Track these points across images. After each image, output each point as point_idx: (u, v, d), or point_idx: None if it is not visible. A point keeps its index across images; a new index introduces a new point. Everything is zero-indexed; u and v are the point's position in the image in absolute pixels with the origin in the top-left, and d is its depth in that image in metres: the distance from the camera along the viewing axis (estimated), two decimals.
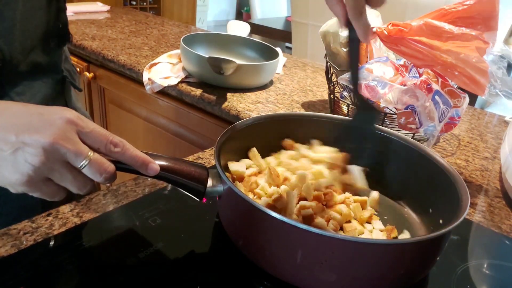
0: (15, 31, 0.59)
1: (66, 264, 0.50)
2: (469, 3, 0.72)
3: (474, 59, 0.67)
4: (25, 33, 0.62)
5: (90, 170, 0.44)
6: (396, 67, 0.87)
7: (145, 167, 0.47)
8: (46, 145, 0.41)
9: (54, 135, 0.42)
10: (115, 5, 2.09)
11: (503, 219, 0.68)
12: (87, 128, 0.44)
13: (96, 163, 0.44)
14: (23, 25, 0.61)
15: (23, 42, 0.61)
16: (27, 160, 0.41)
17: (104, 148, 0.45)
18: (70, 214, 0.58)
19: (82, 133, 0.44)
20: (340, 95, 0.92)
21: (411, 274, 0.50)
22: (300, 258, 0.46)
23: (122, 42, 1.39)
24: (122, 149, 0.46)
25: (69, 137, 0.43)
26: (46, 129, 0.42)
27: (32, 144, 0.41)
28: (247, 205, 0.48)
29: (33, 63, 0.65)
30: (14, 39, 0.60)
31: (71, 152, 0.42)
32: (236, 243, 0.54)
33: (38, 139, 0.41)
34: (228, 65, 1.00)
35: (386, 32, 0.78)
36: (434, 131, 0.76)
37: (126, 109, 1.34)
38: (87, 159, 0.43)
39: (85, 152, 0.43)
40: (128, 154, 0.46)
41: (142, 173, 0.48)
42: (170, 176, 0.50)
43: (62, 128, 0.42)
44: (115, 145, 0.46)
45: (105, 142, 0.45)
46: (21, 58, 0.62)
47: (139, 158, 0.47)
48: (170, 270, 0.51)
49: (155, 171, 0.48)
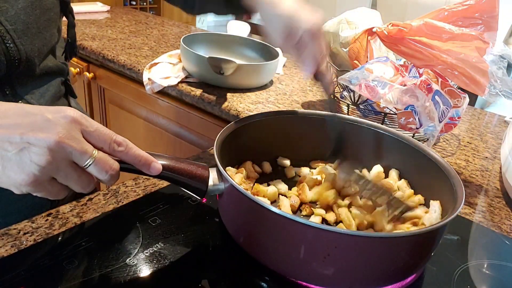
0: (32, 35, 0.62)
1: (66, 264, 0.50)
2: (469, 3, 0.72)
3: (474, 59, 0.67)
4: (43, 40, 0.64)
5: (96, 168, 0.44)
6: (396, 67, 0.87)
7: (148, 166, 0.48)
8: (51, 145, 0.41)
9: (59, 134, 0.41)
10: (115, 5, 2.09)
11: (503, 219, 0.68)
12: (91, 127, 0.44)
13: (101, 161, 0.44)
14: (41, 32, 0.64)
15: (40, 48, 0.64)
16: (33, 160, 0.41)
17: (108, 147, 0.45)
18: (70, 214, 0.58)
19: (86, 132, 0.44)
20: (340, 95, 0.92)
21: (410, 267, 0.50)
22: (303, 253, 0.47)
23: (122, 42, 1.39)
24: (126, 148, 0.46)
25: (74, 136, 0.43)
26: (51, 129, 0.42)
27: (37, 143, 0.41)
28: (249, 202, 0.48)
29: (45, 68, 0.68)
30: (33, 43, 0.62)
31: (76, 151, 0.42)
32: (238, 240, 0.54)
33: (43, 139, 0.41)
34: (228, 65, 1.00)
35: (386, 32, 0.78)
36: (434, 131, 0.76)
37: (126, 109, 1.34)
38: (92, 158, 0.43)
39: (89, 150, 0.43)
40: (131, 153, 0.47)
41: (144, 172, 0.48)
42: (172, 175, 0.51)
43: (67, 127, 0.42)
44: (119, 144, 0.46)
45: (109, 141, 0.45)
46: (37, 62, 0.65)
47: (141, 158, 0.47)
48: (171, 270, 0.51)
49: (157, 170, 0.48)
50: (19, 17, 0.59)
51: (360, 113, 0.90)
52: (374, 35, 0.86)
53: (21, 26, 0.60)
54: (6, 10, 0.58)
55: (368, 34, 0.87)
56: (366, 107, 0.89)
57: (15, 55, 0.59)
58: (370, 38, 0.87)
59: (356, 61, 0.90)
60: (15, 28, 0.59)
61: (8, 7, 0.58)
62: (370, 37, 0.87)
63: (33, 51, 0.62)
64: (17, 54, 0.60)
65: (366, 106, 0.89)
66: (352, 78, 0.79)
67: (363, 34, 0.88)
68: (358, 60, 0.89)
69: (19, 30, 0.59)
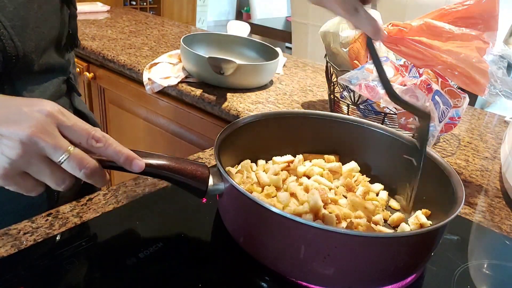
0: (30, 31, 0.60)
1: (66, 264, 0.50)
2: (469, 3, 0.72)
3: (474, 59, 0.67)
4: (40, 35, 0.63)
5: (70, 165, 0.42)
6: (396, 67, 0.87)
7: (129, 163, 0.46)
8: (23, 138, 0.40)
9: (32, 127, 0.40)
10: (115, 5, 2.09)
11: (503, 219, 0.68)
12: (68, 121, 0.43)
13: (76, 158, 0.42)
14: (39, 27, 0.62)
15: (38, 43, 0.62)
16: (4, 152, 0.40)
17: (85, 143, 0.44)
18: (70, 214, 0.58)
19: (63, 126, 0.43)
20: (340, 95, 0.92)
21: (410, 267, 0.50)
22: (303, 253, 0.47)
23: (122, 42, 1.39)
24: (105, 144, 0.45)
25: (48, 130, 0.41)
26: (24, 122, 0.41)
27: (9, 136, 0.40)
28: (250, 201, 0.48)
29: (45, 64, 0.66)
30: (30, 38, 0.60)
31: (49, 145, 0.41)
32: (238, 240, 0.54)
33: (15, 132, 0.40)
34: (228, 65, 1.00)
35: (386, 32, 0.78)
36: (434, 131, 0.76)
37: (126, 109, 1.34)
38: (66, 154, 0.42)
39: (64, 146, 0.42)
40: (111, 149, 0.45)
41: (127, 169, 0.46)
42: (172, 175, 0.50)
43: (41, 121, 0.41)
44: (97, 140, 0.44)
45: (86, 136, 0.44)
46: (35, 58, 0.63)
47: (122, 154, 0.45)
48: (171, 270, 0.51)
49: (140, 167, 0.47)
50: (18, 12, 0.58)
51: (360, 113, 0.90)
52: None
53: (19, 22, 0.58)
54: (4, 5, 0.56)
55: None
56: (366, 107, 0.89)
57: (12, 52, 0.58)
58: None
59: (356, 61, 0.90)
60: (13, 24, 0.57)
61: (6, 2, 0.56)
62: None
63: (30, 47, 0.61)
64: (14, 50, 0.58)
65: (366, 106, 0.89)
66: (352, 78, 0.79)
67: (363, 34, 0.87)
68: (358, 60, 0.89)
69: (17, 26, 0.58)
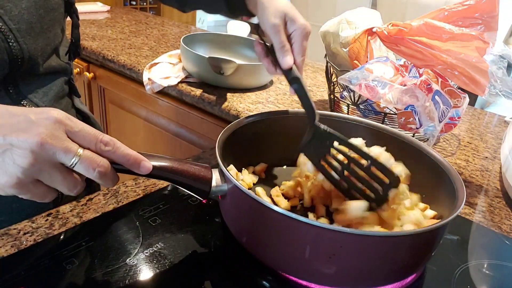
0: (35, 35, 0.62)
1: (66, 264, 0.50)
2: (469, 3, 0.72)
3: (474, 59, 0.67)
4: (46, 40, 0.65)
5: (82, 166, 0.43)
6: (396, 67, 0.87)
7: (137, 165, 0.46)
8: (33, 146, 0.40)
9: (41, 134, 0.41)
10: (115, 5, 2.09)
11: (503, 219, 0.68)
12: (76, 127, 0.43)
13: (87, 158, 0.43)
14: (45, 32, 0.64)
15: (44, 48, 0.64)
16: (16, 162, 0.41)
17: (94, 147, 0.44)
18: (70, 214, 0.58)
19: (71, 132, 0.43)
20: (340, 95, 0.92)
21: (410, 266, 0.50)
22: (308, 253, 0.46)
23: (122, 42, 1.39)
24: (113, 147, 0.45)
25: (57, 136, 0.42)
26: (33, 129, 0.41)
27: (19, 145, 0.40)
28: (253, 202, 0.48)
29: (49, 67, 0.68)
30: (36, 42, 0.62)
31: (60, 150, 0.41)
32: (240, 240, 0.54)
33: (25, 140, 0.40)
34: (228, 65, 1.00)
35: (386, 32, 0.78)
36: (434, 131, 0.76)
37: (126, 109, 1.34)
38: (77, 156, 0.42)
39: (74, 149, 0.42)
40: (119, 152, 0.45)
41: (135, 172, 0.47)
42: (175, 177, 0.50)
43: (50, 128, 0.42)
44: (106, 143, 0.45)
45: (94, 141, 0.44)
46: (41, 61, 0.65)
47: (130, 157, 0.46)
48: (172, 271, 0.51)
49: (147, 169, 0.47)
50: (23, 16, 0.60)
51: (360, 113, 0.90)
52: (374, 35, 0.86)
53: (25, 25, 0.60)
54: (10, 9, 0.58)
55: (368, 34, 0.87)
56: (366, 107, 0.89)
57: (18, 54, 0.60)
58: (370, 38, 0.87)
59: (356, 61, 0.90)
60: (18, 27, 0.59)
61: (12, 6, 0.58)
62: (370, 37, 0.87)
63: (36, 51, 0.62)
64: (20, 53, 0.60)
65: (366, 106, 0.89)
66: (352, 78, 0.79)
67: (363, 34, 0.88)
68: (358, 60, 0.89)
69: (22, 30, 0.59)
